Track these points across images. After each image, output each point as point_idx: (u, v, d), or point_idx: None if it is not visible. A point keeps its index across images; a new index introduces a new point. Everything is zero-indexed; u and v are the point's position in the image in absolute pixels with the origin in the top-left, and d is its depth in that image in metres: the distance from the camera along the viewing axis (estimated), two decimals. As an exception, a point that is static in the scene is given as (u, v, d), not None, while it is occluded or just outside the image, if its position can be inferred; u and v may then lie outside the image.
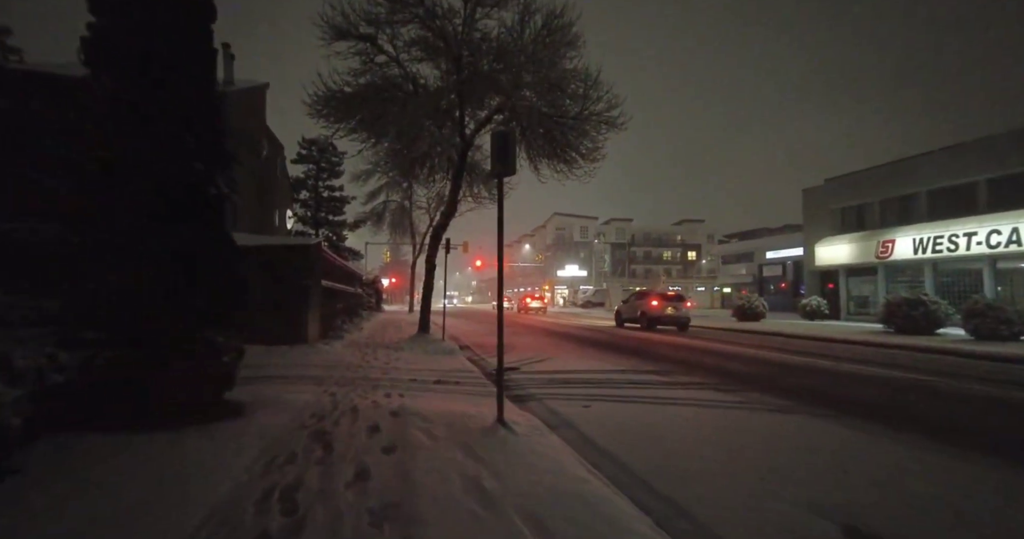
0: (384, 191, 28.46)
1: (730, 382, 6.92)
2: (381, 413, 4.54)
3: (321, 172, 21.28)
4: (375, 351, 9.84)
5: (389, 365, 8.01)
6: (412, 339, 11.80)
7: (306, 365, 7.55)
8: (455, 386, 6.36)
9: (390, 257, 54.22)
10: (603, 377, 7.31)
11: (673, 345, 12.32)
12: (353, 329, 14.18)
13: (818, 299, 21.53)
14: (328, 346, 10.00)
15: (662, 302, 18.03)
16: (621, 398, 5.79)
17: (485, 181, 14.54)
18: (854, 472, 3.41)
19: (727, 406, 5.40)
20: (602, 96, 11.38)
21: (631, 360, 9.26)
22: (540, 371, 7.90)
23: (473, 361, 9.19)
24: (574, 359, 9.44)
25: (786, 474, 3.34)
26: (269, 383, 5.93)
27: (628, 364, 8.68)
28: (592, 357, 9.78)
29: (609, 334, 15.95)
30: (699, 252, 70.85)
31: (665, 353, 10.52)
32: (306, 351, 9.00)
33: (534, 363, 8.82)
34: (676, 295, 19.58)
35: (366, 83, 11.21)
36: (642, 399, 5.74)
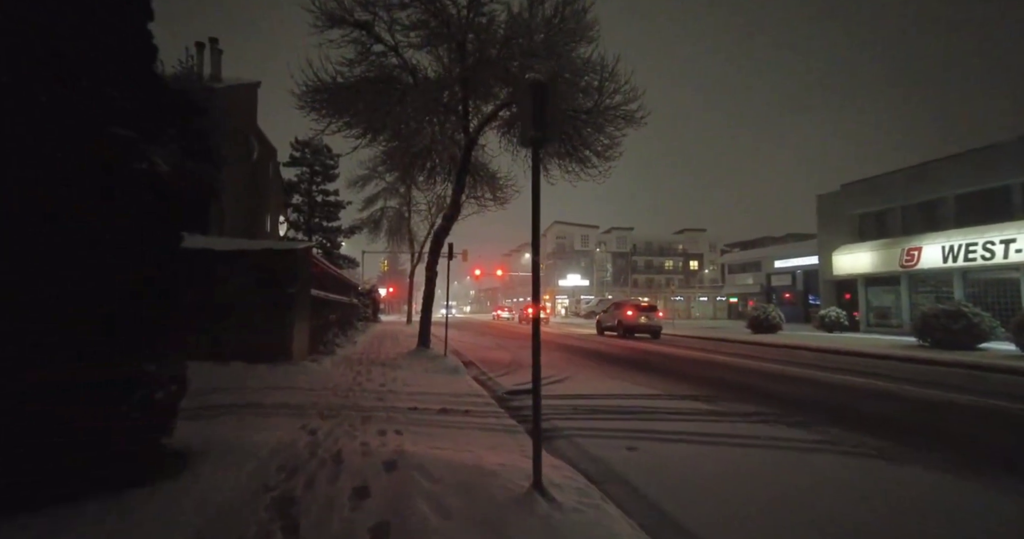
0: (381, 197, 27.49)
1: (791, 411, 5.83)
2: (372, 465, 3.44)
3: (315, 175, 20.20)
4: (369, 369, 8.73)
5: (385, 387, 6.91)
6: (411, 354, 10.69)
7: (287, 388, 6.44)
8: (464, 417, 5.26)
9: (388, 266, 53.15)
10: (636, 404, 6.21)
11: (699, 362, 11.23)
12: (346, 343, 13.06)
13: (837, 310, 20.48)
14: (317, 363, 8.89)
15: (636, 312, 19.74)
16: (669, 436, 4.69)
17: (489, 182, 13.53)
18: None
19: (811, 448, 4.30)
20: (619, 88, 10.41)
21: (659, 381, 8.16)
22: (560, 395, 6.79)
23: (480, 381, 8.09)
24: (594, 378, 8.34)
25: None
26: (235, 415, 4.82)
27: (658, 386, 7.58)
28: (613, 376, 8.68)
29: (621, 348, 14.86)
30: (701, 261, 69.95)
31: (694, 372, 9.43)
32: (290, 370, 7.89)
33: (550, 384, 7.72)
34: (649, 306, 20.95)
35: (361, 74, 10.22)
36: (696, 437, 4.64)
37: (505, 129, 12.34)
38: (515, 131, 12.35)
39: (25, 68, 2.55)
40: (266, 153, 21.63)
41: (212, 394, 5.81)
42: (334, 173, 20.48)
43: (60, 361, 2.54)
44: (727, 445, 4.37)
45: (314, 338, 10.28)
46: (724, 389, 7.38)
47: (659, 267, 69.40)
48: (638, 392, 7.00)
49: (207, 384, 6.34)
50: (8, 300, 2.45)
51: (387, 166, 12.66)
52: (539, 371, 3.07)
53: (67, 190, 2.68)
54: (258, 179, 19.35)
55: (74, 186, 2.71)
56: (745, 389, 7.42)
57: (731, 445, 4.37)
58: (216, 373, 7.16)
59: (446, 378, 8.08)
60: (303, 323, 9.29)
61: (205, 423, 4.48)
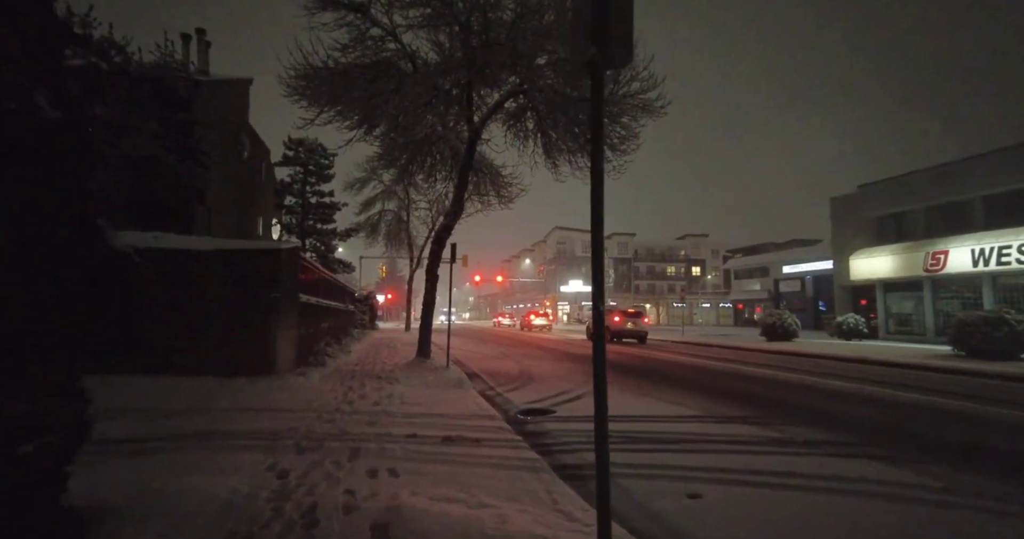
0: (379, 200, 26.59)
1: (866, 438, 4.88)
2: (356, 529, 2.49)
3: (309, 175, 19.25)
4: (363, 383, 7.77)
5: (379, 407, 5.94)
6: (409, 365, 9.72)
7: (263, 410, 5.47)
8: (473, 447, 4.30)
9: (386, 272, 52.19)
10: (679, 429, 5.25)
11: (726, 375, 10.28)
12: (339, 352, 12.08)
13: (855, 317, 19.56)
14: (304, 377, 7.91)
15: (623, 318, 20.39)
16: (736, 475, 3.74)
17: (493, 180, 12.62)
18: None
19: (933, 499, 3.33)
20: (637, 74, 9.54)
21: (691, 397, 7.21)
22: (587, 416, 5.83)
23: (488, 398, 7.13)
24: (617, 395, 7.38)
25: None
26: (188, 450, 3.85)
27: (693, 404, 6.62)
28: (637, 391, 7.73)
29: (634, 357, 13.89)
30: (703, 267, 69.13)
31: (726, 386, 8.48)
32: (272, 385, 6.92)
33: (569, 401, 6.76)
34: (635, 312, 21.51)
35: (355, 60, 9.34)
36: (772, 478, 3.68)
37: (512, 122, 11.47)
38: (522, 123, 11.49)
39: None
40: (258, 153, 20.74)
41: (171, 419, 4.85)
42: (329, 173, 19.52)
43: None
44: (818, 491, 3.41)
45: (303, 348, 9.32)
46: (770, 408, 6.43)
47: (661, 273, 68.55)
48: (675, 413, 6.03)
49: (167, 405, 5.38)
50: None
51: (384, 162, 11.75)
52: (603, 390, 2.10)
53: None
54: (249, 179, 18.44)
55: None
56: (795, 408, 6.47)
57: (823, 491, 3.42)
58: (184, 390, 6.21)
59: (449, 394, 7.12)
60: (289, 332, 8.34)
61: (146, 461, 3.52)
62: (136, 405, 5.32)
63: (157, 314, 7.06)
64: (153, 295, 7.06)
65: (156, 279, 7.05)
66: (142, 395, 5.80)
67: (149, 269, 6.98)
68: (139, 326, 6.94)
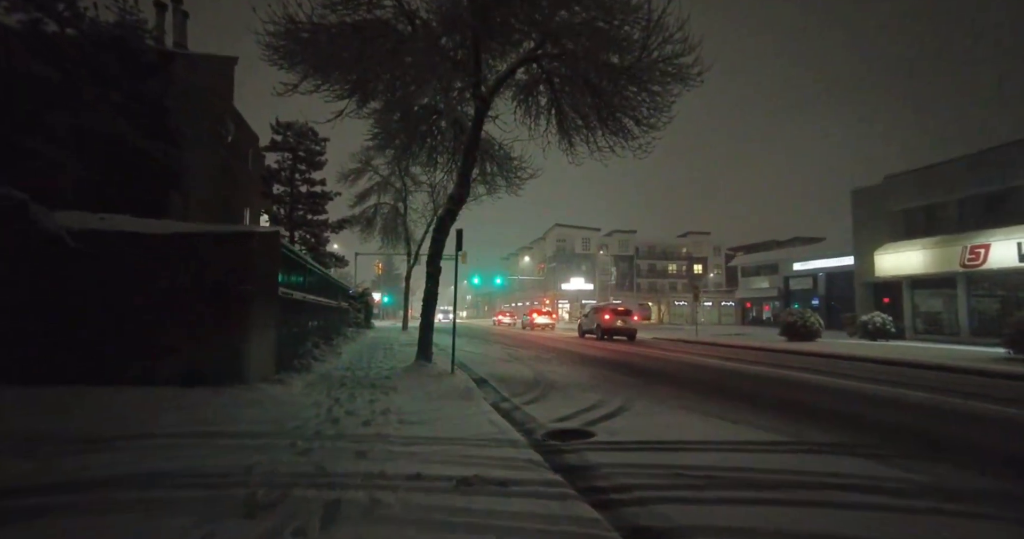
0: (375, 193, 25.26)
1: None
2: None
3: (299, 162, 17.88)
4: (353, 394, 6.50)
5: (371, 428, 4.69)
6: (408, 370, 8.47)
7: (218, 435, 4.20)
8: (501, 497, 3.03)
9: (382, 269, 50.89)
10: (763, 464, 3.99)
11: (773, 381, 9.07)
12: (330, 354, 10.79)
13: (882, 315, 18.38)
14: (282, 386, 6.64)
15: (613, 316, 21.29)
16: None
17: (501, 162, 11.35)
18: None
19: None
20: (670, 36, 8.28)
21: (750, 412, 5.98)
22: (636, 443, 4.57)
23: (504, 412, 5.88)
24: (659, 409, 6.14)
25: None
26: (76, 511, 2.58)
27: (760, 423, 5.39)
28: (679, 403, 6.49)
29: (662, 361, 12.68)
30: (705, 265, 68.08)
31: (784, 396, 7.27)
32: (239, 399, 5.65)
33: (606, 419, 5.51)
34: (625, 310, 22.14)
35: (345, 18, 8.06)
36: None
37: (522, 96, 10.20)
38: (534, 98, 10.23)
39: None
40: (245, 140, 19.41)
41: (86, 453, 3.58)
42: (321, 160, 18.12)
43: None
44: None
45: (284, 350, 8.05)
46: (862, 430, 5.23)
47: (662, 271, 67.45)
48: (744, 437, 4.78)
49: (93, 430, 4.10)
50: None
51: (380, 141, 10.45)
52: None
53: None
54: (234, 167, 17.10)
55: None
56: (895, 430, 5.27)
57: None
58: (123, 407, 4.93)
59: (457, 407, 5.86)
60: (266, 331, 7.06)
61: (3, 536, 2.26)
62: (50, 430, 4.04)
63: (97, 311, 5.77)
64: (93, 288, 5.77)
65: (97, 268, 5.76)
66: (64, 415, 4.52)
67: (88, 256, 5.69)
68: (72, 325, 5.64)
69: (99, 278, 5.79)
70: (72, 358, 5.62)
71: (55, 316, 5.59)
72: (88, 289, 5.76)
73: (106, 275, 5.80)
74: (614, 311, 21.67)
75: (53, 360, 5.53)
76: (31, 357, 5.44)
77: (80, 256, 5.66)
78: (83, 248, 5.69)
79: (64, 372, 5.48)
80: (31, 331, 5.49)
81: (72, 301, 5.69)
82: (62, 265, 5.64)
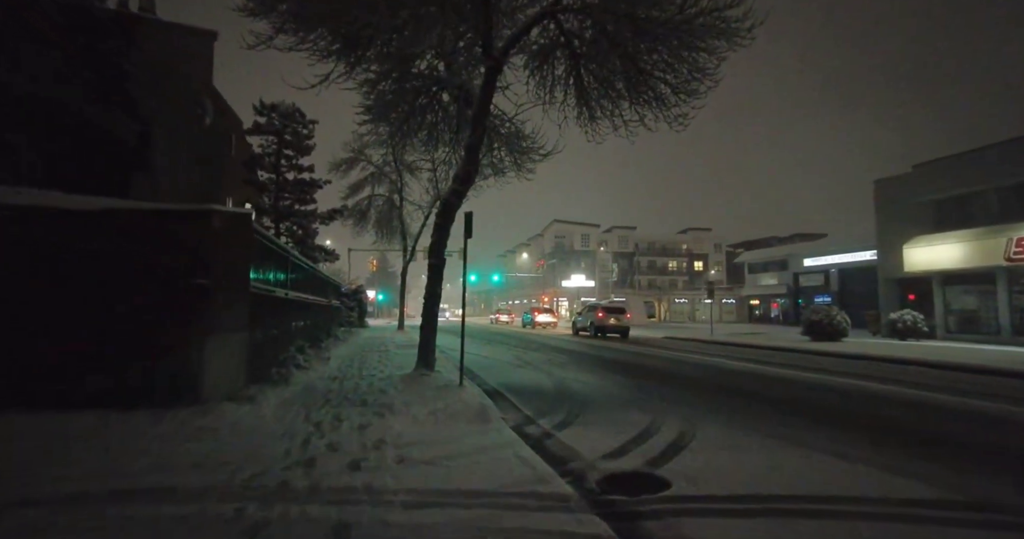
0: (369, 184, 23.84)
1: None
2: None
3: (285, 147, 16.39)
4: (340, 415, 5.15)
5: (359, 475, 3.35)
6: (408, 381, 7.11)
7: (132, 495, 2.84)
8: None
9: (377, 266, 49.42)
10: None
11: (849, 394, 7.78)
12: (317, 360, 9.41)
13: (912, 314, 17.18)
14: (250, 405, 5.26)
15: (606, 314, 21.67)
16: None
17: (511, 140, 9.97)
18: None
19: None
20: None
21: (871, 445, 4.67)
22: (735, 500, 3.23)
23: (535, 442, 4.54)
24: (740, 436, 4.81)
25: None
26: None
27: (899, 464, 4.09)
28: (767, 430, 5.17)
29: (701, 367, 11.38)
30: (706, 262, 66.95)
31: (886, 416, 5.98)
32: (186, 426, 4.29)
33: (675, 456, 4.18)
34: (618, 308, 22.63)
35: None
36: None
37: (537, 63, 8.85)
38: (550, 65, 8.89)
39: None
40: (226, 124, 17.91)
41: None
42: (309, 144, 16.62)
43: None
44: None
45: (259, 358, 6.67)
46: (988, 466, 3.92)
47: (662, 268, 66.27)
48: (904, 493, 3.41)
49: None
50: None
51: (373, 114, 9.06)
52: None
53: None
54: (213, 153, 15.62)
55: None
56: None
57: None
58: (20, 441, 3.57)
59: (473, 434, 4.52)
60: (232, 336, 5.68)
61: None
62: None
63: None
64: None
65: None
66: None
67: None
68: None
69: (1, 268, 4.40)
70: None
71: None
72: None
73: (7, 263, 4.41)
74: (607, 309, 22.11)
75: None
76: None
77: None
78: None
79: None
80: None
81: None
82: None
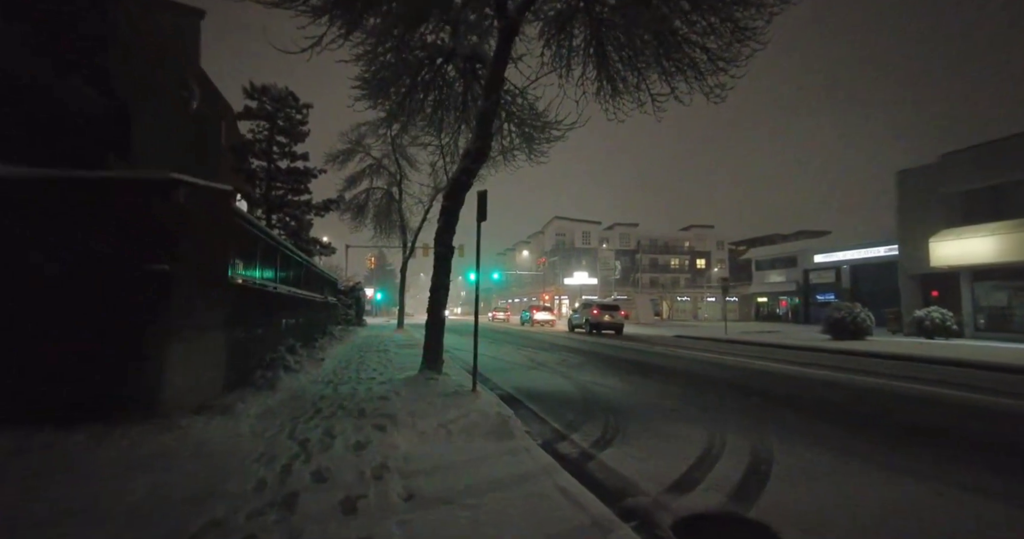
0: (367, 176, 22.91)
1: None
2: None
3: (277, 133, 15.40)
4: (332, 430, 4.25)
5: (353, 522, 2.43)
6: (412, 385, 6.21)
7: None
8: None
9: (375, 263, 48.50)
10: None
11: (938, 405, 6.90)
12: (309, 361, 8.48)
13: (941, 311, 16.33)
14: (223, 418, 4.36)
15: (601, 311, 22.47)
16: None
17: (524, 119, 9.03)
18: None
19: None
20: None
21: (988, 469, 3.78)
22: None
23: (574, 466, 3.64)
24: (830, 459, 3.93)
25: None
26: None
27: (1016, 491, 3.20)
28: (853, 449, 4.29)
29: (724, 368, 10.50)
30: (708, 260, 66.07)
31: (982, 431, 5.08)
32: (138, 448, 3.38)
33: (762, 485, 3.28)
34: (613, 305, 23.49)
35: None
36: None
37: (553, 31, 7.96)
38: (567, 34, 8.01)
39: None
40: (215, 110, 16.93)
41: None
42: (303, 130, 15.61)
43: None
44: None
45: (240, 360, 5.76)
46: None
47: (664, 265, 65.36)
48: None
49: None
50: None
51: (372, 88, 8.12)
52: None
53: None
54: (200, 139, 14.65)
55: None
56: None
57: None
58: None
59: (496, 456, 3.63)
60: (208, 334, 4.78)
61: None
62: None
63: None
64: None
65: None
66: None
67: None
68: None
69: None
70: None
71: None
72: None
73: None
74: (601, 307, 22.88)
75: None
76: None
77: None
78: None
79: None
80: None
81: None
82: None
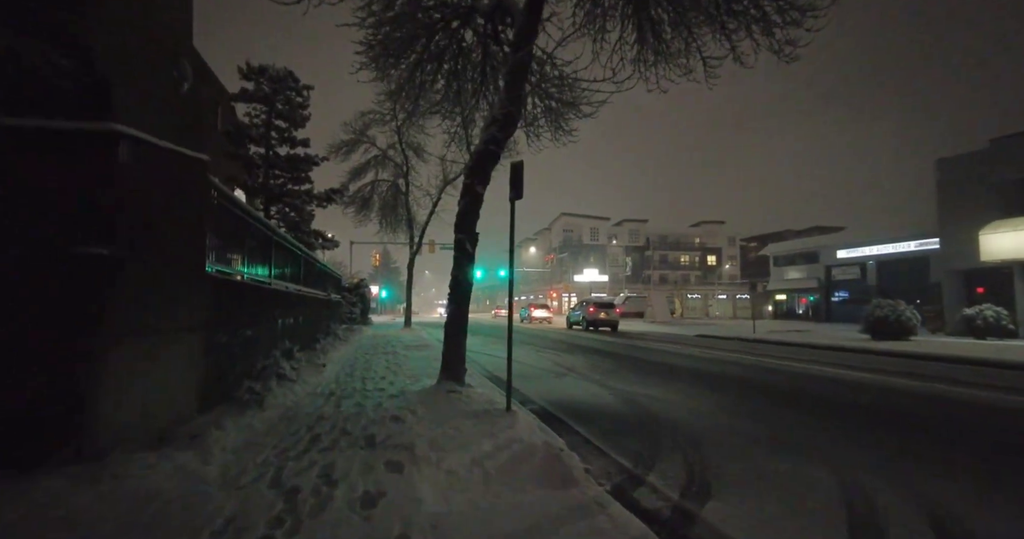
0: (372, 168, 21.85)
1: None
2: None
3: (275, 117, 14.27)
4: (330, 472, 3.15)
5: None
6: (430, 403, 5.12)
7: None
8: None
9: (380, 260, 47.50)
10: None
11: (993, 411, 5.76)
12: (307, 368, 7.40)
13: (995, 309, 15.11)
14: (185, 454, 3.27)
15: (597, 309, 23.51)
16: None
17: (551, 90, 7.89)
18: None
19: None
20: None
21: None
22: None
23: (671, 535, 2.51)
24: (999, 510, 2.81)
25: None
26: None
27: None
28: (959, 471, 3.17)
29: (782, 375, 9.37)
30: (720, 256, 64.72)
31: None
32: (32, 513, 2.28)
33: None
34: (607, 303, 24.45)
35: None
36: None
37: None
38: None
39: None
40: (211, 95, 15.88)
41: None
42: (304, 114, 14.48)
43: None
44: None
45: (218, 372, 4.68)
46: None
47: (675, 262, 64.03)
48: None
49: None
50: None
51: (376, 52, 7.01)
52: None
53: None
54: (195, 124, 13.57)
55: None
56: None
57: None
58: None
59: (556, 516, 2.55)
60: (176, 338, 3.70)
61: None
62: None
63: None
64: None
65: None
66: None
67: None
68: None
69: None
70: None
71: None
72: None
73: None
74: (597, 305, 24.01)
75: None
76: None
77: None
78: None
79: None
80: None
81: None
82: None
